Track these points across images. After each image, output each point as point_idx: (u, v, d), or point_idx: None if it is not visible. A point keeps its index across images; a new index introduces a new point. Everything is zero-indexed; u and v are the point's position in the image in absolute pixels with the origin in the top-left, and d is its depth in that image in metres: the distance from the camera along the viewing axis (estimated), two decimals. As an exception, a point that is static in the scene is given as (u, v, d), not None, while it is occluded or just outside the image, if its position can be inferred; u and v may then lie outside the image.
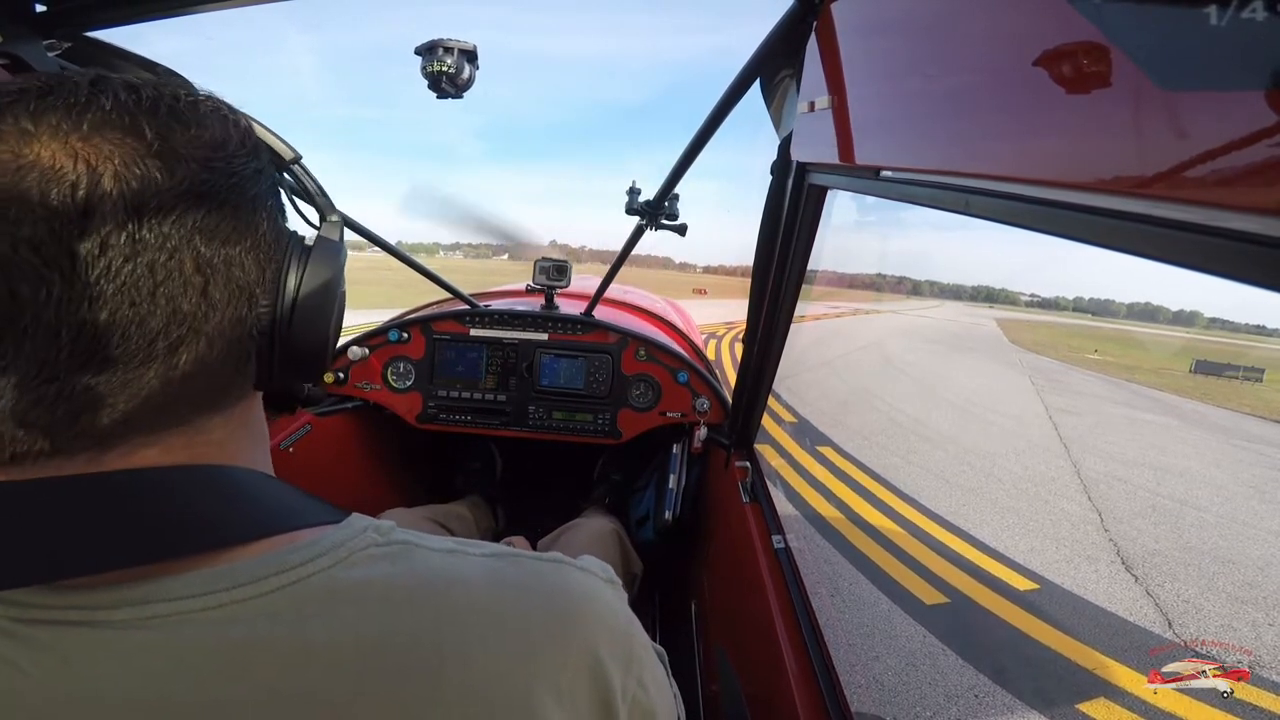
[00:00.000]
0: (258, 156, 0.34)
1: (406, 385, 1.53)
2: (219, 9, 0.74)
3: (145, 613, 0.28)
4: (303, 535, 0.33)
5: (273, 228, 0.35)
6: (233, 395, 0.35)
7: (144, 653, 0.28)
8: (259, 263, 0.33)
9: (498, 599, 0.35)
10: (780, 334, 1.14)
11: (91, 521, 0.28)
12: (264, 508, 0.33)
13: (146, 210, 0.27)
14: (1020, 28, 0.42)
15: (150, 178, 0.28)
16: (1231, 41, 0.26)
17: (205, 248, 0.30)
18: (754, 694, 0.97)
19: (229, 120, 0.33)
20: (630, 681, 0.38)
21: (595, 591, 0.39)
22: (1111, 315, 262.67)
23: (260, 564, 0.31)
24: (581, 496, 1.81)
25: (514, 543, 0.93)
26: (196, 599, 0.29)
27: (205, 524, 0.31)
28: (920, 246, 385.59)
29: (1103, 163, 0.33)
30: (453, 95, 0.93)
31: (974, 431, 7.01)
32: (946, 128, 0.51)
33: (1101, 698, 2.46)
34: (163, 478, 0.31)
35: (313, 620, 0.30)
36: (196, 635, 0.28)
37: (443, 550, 0.36)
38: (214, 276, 0.30)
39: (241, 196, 0.32)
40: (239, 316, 0.32)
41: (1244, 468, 7.04)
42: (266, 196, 0.35)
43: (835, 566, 3.29)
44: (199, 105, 0.32)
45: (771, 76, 0.91)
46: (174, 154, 0.29)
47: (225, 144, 0.32)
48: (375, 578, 0.32)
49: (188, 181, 0.29)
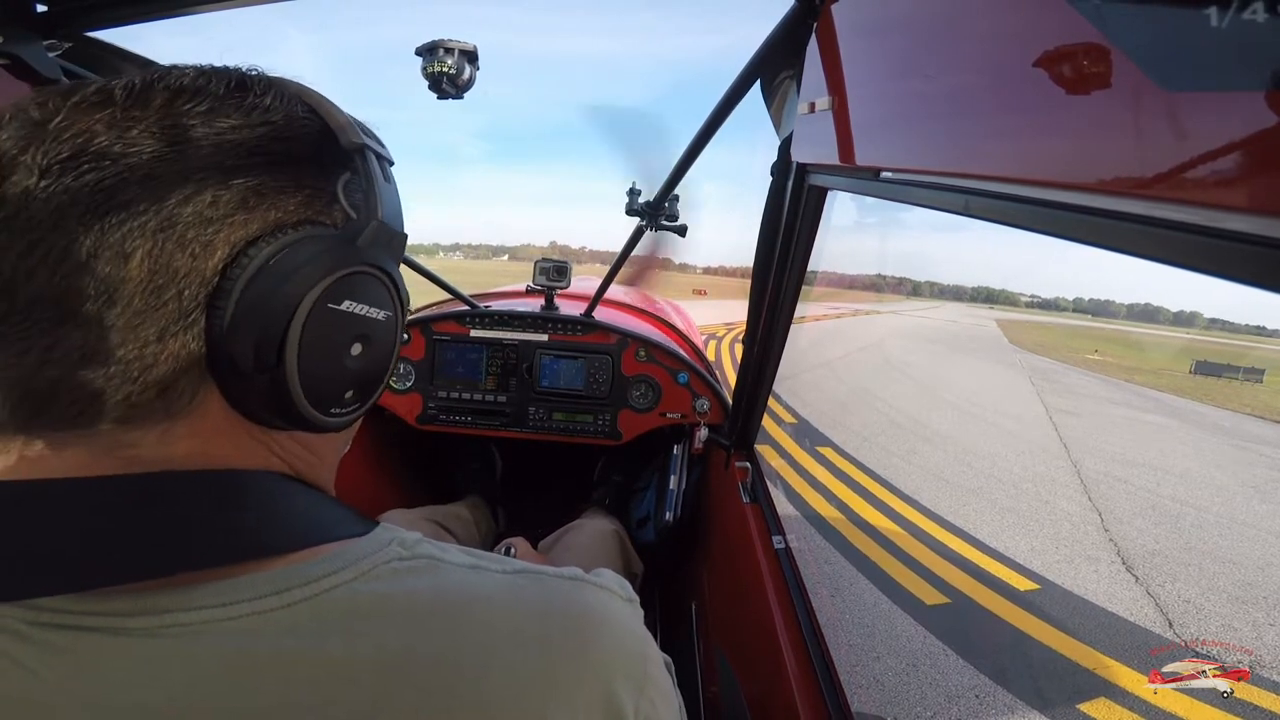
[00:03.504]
0: (274, 134, 0.32)
1: (406, 386, 1.53)
2: (219, 9, 0.74)
3: (164, 621, 0.28)
4: (328, 548, 0.33)
5: (254, 212, 0.31)
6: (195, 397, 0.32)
7: (160, 661, 0.27)
8: (214, 250, 0.29)
9: (517, 617, 0.34)
10: (780, 335, 1.14)
11: (115, 528, 0.28)
12: (289, 518, 0.33)
13: (108, 185, 0.27)
14: (1020, 28, 0.42)
15: (128, 150, 0.28)
16: (1231, 41, 0.26)
17: (90, 220, 0.27)
18: (754, 694, 0.97)
19: (246, 95, 0.32)
20: (644, 702, 0.38)
21: (613, 611, 0.39)
22: (1111, 316, 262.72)
23: (282, 576, 0.30)
24: (582, 497, 1.80)
25: (514, 544, 0.93)
26: (217, 609, 0.28)
27: (230, 534, 0.30)
28: (920, 247, 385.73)
29: (1103, 163, 0.33)
30: (453, 96, 0.93)
31: (974, 432, 7.01)
32: (946, 128, 0.51)
33: (1102, 698, 2.46)
34: (188, 483, 0.30)
35: (333, 634, 0.30)
36: (215, 646, 0.28)
37: (465, 566, 0.36)
38: (173, 254, 0.28)
39: (209, 172, 0.29)
40: (189, 308, 0.29)
41: (1244, 468, 7.04)
42: (265, 176, 0.31)
43: (835, 566, 3.29)
44: (216, 81, 0.31)
45: (772, 77, 0.91)
46: (151, 130, 0.29)
47: (232, 122, 0.31)
48: (398, 592, 0.32)
49: (152, 156, 0.28)
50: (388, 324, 0.37)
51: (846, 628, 2.75)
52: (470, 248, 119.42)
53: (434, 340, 1.53)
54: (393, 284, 0.37)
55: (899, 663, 2.52)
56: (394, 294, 0.37)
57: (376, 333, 0.36)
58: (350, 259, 0.33)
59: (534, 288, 1.57)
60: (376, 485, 1.70)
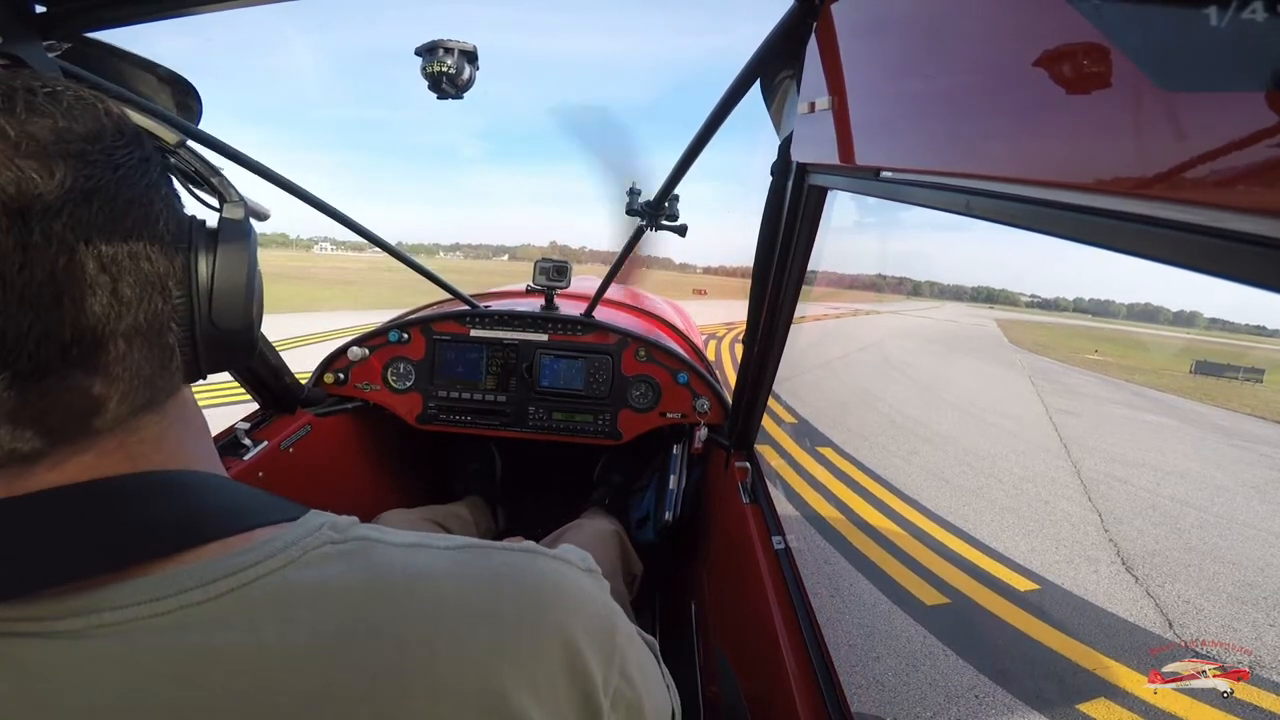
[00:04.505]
0: (140, 145, 0.33)
1: (406, 386, 1.53)
2: (219, 9, 0.74)
3: (94, 621, 0.28)
4: (255, 535, 0.32)
5: (172, 216, 0.34)
6: (163, 392, 0.34)
7: (97, 661, 0.27)
8: (165, 253, 0.32)
9: (464, 591, 0.34)
10: (780, 335, 1.14)
11: (30, 537, 0.28)
12: (211, 509, 0.32)
13: (32, 214, 0.26)
14: (1020, 28, 0.42)
15: (27, 179, 0.26)
16: (1231, 41, 0.26)
17: (106, 245, 0.29)
18: (754, 694, 0.97)
19: (97, 109, 0.31)
20: (613, 674, 0.37)
21: (570, 580, 0.39)
22: (1111, 316, 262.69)
23: (208, 568, 0.30)
24: (582, 497, 1.81)
25: (514, 543, 0.93)
26: (144, 605, 0.28)
27: (149, 531, 0.30)
28: (920, 247, 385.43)
29: (1103, 163, 0.33)
30: (453, 96, 0.93)
31: (974, 432, 7.01)
32: (946, 128, 0.51)
33: (1102, 698, 2.46)
34: (101, 489, 0.30)
35: (265, 623, 0.29)
36: (147, 642, 0.28)
37: (404, 545, 0.35)
38: (121, 274, 0.29)
39: (132, 189, 0.31)
40: (154, 311, 0.31)
41: (1244, 468, 7.03)
42: (159, 185, 0.33)
43: (835, 566, 3.29)
44: (59, 97, 0.29)
45: (771, 77, 0.91)
46: (44, 152, 0.27)
47: (100, 135, 0.30)
48: (330, 577, 0.32)
49: (70, 178, 0.27)
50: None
51: (846, 628, 2.75)
52: (471, 248, 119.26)
53: (434, 340, 1.53)
54: None
55: (899, 663, 2.52)
56: None
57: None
58: (250, 228, 0.41)
59: (534, 288, 1.57)
60: (376, 485, 1.70)
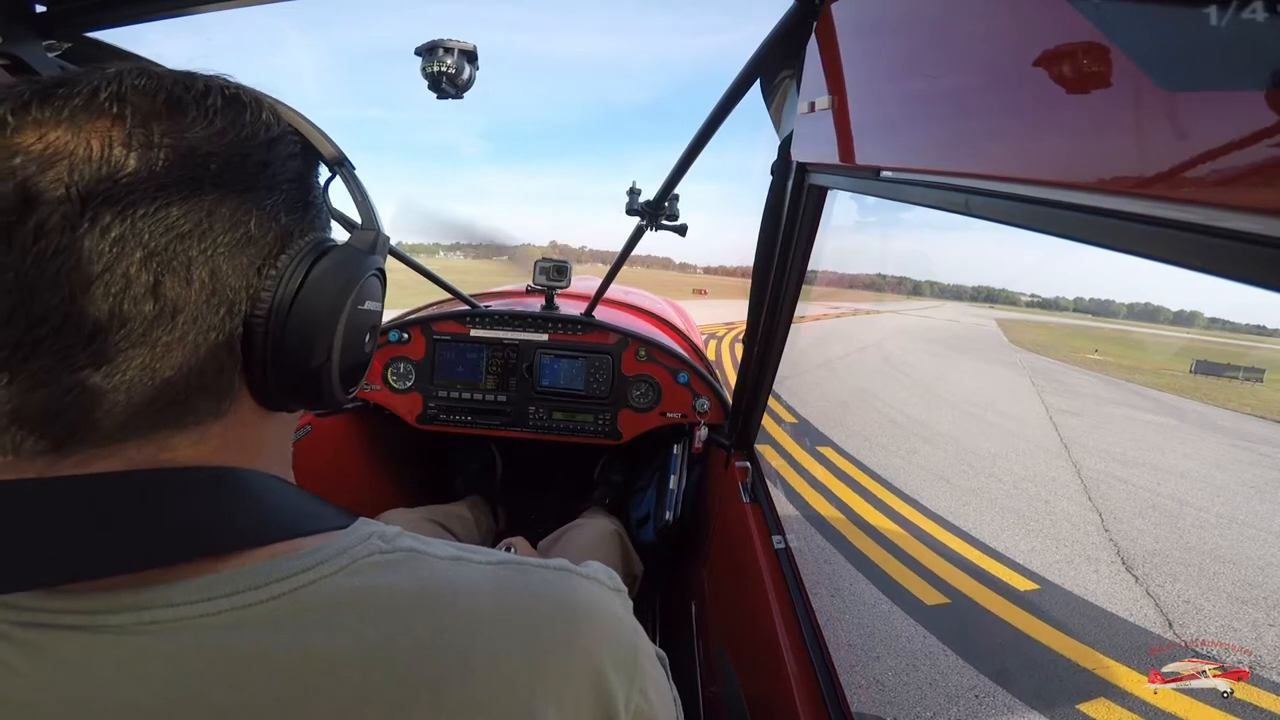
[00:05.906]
0: (270, 149, 0.32)
1: (407, 386, 1.53)
2: (219, 9, 0.74)
3: (145, 618, 0.28)
4: (308, 542, 0.32)
5: (272, 228, 0.32)
6: (225, 400, 0.33)
7: (142, 658, 0.27)
8: (241, 265, 0.31)
9: (503, 608, 0.34)
10: (780, 334, 1.14)
11: (93, 524, 0.27)
12: (269, 513, 0.33)
13: (93, 199, 0.26)
14: (1020, 28, 0.42)
15: (112, 164, 0.26)
16: (1231, 41, 0.26)
17: (158, 241, 0.28)
18: (754, 695, 0.97)
19: (244, 111, 0.32)
20: (634, 693, 0.38)
21: (602, 601, 0.39)
22: (1111, 315, 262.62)
23: (262, 571, 0.30)
24: (582, 497, 1.80)
25: (514, 543, 0.93)
26: (197, 605, 0.28)
27: (208, 529, 0.30)
28: (920, 247, 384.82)
29: (1103, 163, 0.33)
30: (453, 95, 0.93)
31: (974, 432, 7.01)
32: (946, 128, 0.51)
33: (1102, 698, 2.46)
34: (165, 479, 0.30)
35: (314, 628, 0.29)
36: (196, 641, 0.28)
37: (448, 558, 0.36)
38: (167, 274, 0.28)
39: (224, 189, 0.30)
40: (211, 323, 0.30)
41: (1244, 468, 7.03)
42: (270, 194, 0.32)
43: (835, 566, 3.29)
44: (209, 94, 0.30)
45: (772, 77, 0.91)
46: (147, 142, 0.28)
47: (221, 135, 0.30)
48: (379, 585, 0.32)
49: (146, 170, 0.27)
50: (380, 313, 0.43)
51: (846, 628, 2.75)
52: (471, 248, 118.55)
53: (434, 340, 1.53)
54: (384, 280, 0.43)
55: (899, 662, 2.52)
56: (383, 288, 0.44)
57: (378, 323, 0.43)
58: (368, 266, 0.39)
59: (534, 287, 1.57)
60: (377, 485, 1.70)
